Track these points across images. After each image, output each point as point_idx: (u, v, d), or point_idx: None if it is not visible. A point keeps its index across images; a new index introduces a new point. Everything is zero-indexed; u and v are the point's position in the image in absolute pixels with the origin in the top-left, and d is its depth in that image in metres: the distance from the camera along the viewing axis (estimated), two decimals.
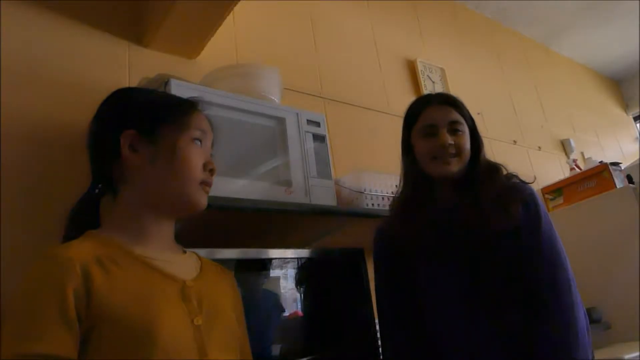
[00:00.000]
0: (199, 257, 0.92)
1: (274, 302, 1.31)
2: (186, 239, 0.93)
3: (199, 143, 0.87)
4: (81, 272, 0.70)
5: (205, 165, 0.86)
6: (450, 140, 1.14)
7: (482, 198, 1.10)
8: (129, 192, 0.84)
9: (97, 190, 0.88)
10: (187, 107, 0.88)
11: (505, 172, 1.19)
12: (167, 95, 0.94)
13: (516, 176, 1.19)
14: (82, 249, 0.74)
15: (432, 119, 1.17)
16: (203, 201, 0.86)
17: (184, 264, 0.87)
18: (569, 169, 3.04)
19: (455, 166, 1.14)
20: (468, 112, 1.22)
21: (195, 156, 0.85)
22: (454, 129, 1.16)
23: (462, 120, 1.18)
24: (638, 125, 4.57)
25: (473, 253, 1.08)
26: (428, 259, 1.13)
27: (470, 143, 1.18)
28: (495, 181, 1.15)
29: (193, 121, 0.87)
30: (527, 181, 1.19)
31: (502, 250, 1.06)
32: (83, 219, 0.85)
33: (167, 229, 0.87)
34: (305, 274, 1.37)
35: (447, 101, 1.22)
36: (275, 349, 1.24)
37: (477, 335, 1.04)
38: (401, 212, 1.20)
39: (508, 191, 1.13)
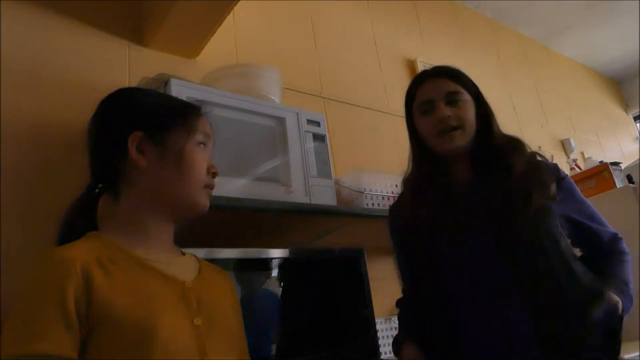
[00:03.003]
0: (197, 259, 0.93)
1: (275, 301, 1.31)
2: (186, 239, 0.93)
3: (203, 147, 0.88)
4: (82, 273, 0.70)
5: (208, 169, 0.87)
6: (448, 112, 1.08)
7: (515, 173, 1.06)
8: (133, 193, 0.83)
9: (97, 190, 0.87)
10: (194, 111, 0.90)
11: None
12: (173, 98, 0.95)
13: (538, 154, 1.16)
14: (83, 250, 0.74)
15: (427, 94, 1.12)
16: (206, 204, 0.87)
17: (183, 266, 0.87)
18: (569, 169, 3.04)
19: (459, 140, 1.09)
20: (469, 81, 1.16)
21: (201, 160, 0.86)
22: (452, 100, 1.10)
23: (460, 89, 1.12)
24: (638, 125, 4.57)
25: (502, 229, 1.02)
26: (447, 236, 1.06)
27: (478, 113, 1.13)
28: (524, 155, 1.11)
29: (198, 125, 0.88)
30: (547, 159, 1.17)
31: (536, 225, 1.02)
32: (81, 219, 0.84)
33: (167, 231, 0.87)
34: (305, 274, 1.37)
35: (442, 73, 1.16)
36: (275, 349, 1.24)
37: (506, 317, 0.97)
38: (412, 192, 1.15)
39: (540, 167, 1.11)
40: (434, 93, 1.12)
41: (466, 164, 1.13)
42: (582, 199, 1.15)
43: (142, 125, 0.84)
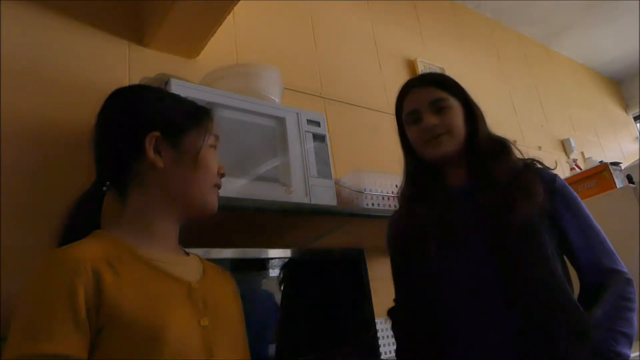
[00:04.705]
0: (201, 259, 0.93)
1: (274, 302, 1.31)
2: (186, 238, 0.93)
3: (214, 149, 0.90)
4: (92, 272, 0.70)
5: (217, 170, 0.90)
6: (434, 120, 1.09)
7: (498, 180, 1.04)
8: (142, 192, 0.83)
9: (104, 188, 0.87)
10: (207, 114, 0.91)
11: (514, 150, 1.14)
12: (186, 99, 0.94)
13: (539, 162, 1.13)
14: (93, 250, 0.74)
15: (413, 104, 1.14)
16: (216, 204, 0.89)
17: (188, 266, 0.87)
18: (569, 169, 3.04)
19: (447, 145, 1.09)
20: (455, 85, 1.17)
21: (213, 162, 0.89)
22: (437, 108, 1.11)
23: (445, 96, 1.12)
24: (638, 125, 4.57)
25: (492, 238, 1.01)
26: (436, 242, 1.05)
27: (466, 116, 1.13)
28: (506, 159, 1.09)
29: (211, 128, 0.90)
30: (549, 167, 1.13)
31: (523, 237, 0.99)
32: (84, 217, 0.84)
33: (173, 231, 0.87)
34: (305, 274, 1.37)
35: (427, 81, 1.17)
36: (275, 349, 1.24)
37: (492, 329, 0.98)
38: (406, 201, 1.16)
39: (525, 171, 1.07)
40: (419, 102, 1.13)
41: (462, 170, 1.13)
42: (582, 215, 1.10)
43: (158, 126, 0.84)
